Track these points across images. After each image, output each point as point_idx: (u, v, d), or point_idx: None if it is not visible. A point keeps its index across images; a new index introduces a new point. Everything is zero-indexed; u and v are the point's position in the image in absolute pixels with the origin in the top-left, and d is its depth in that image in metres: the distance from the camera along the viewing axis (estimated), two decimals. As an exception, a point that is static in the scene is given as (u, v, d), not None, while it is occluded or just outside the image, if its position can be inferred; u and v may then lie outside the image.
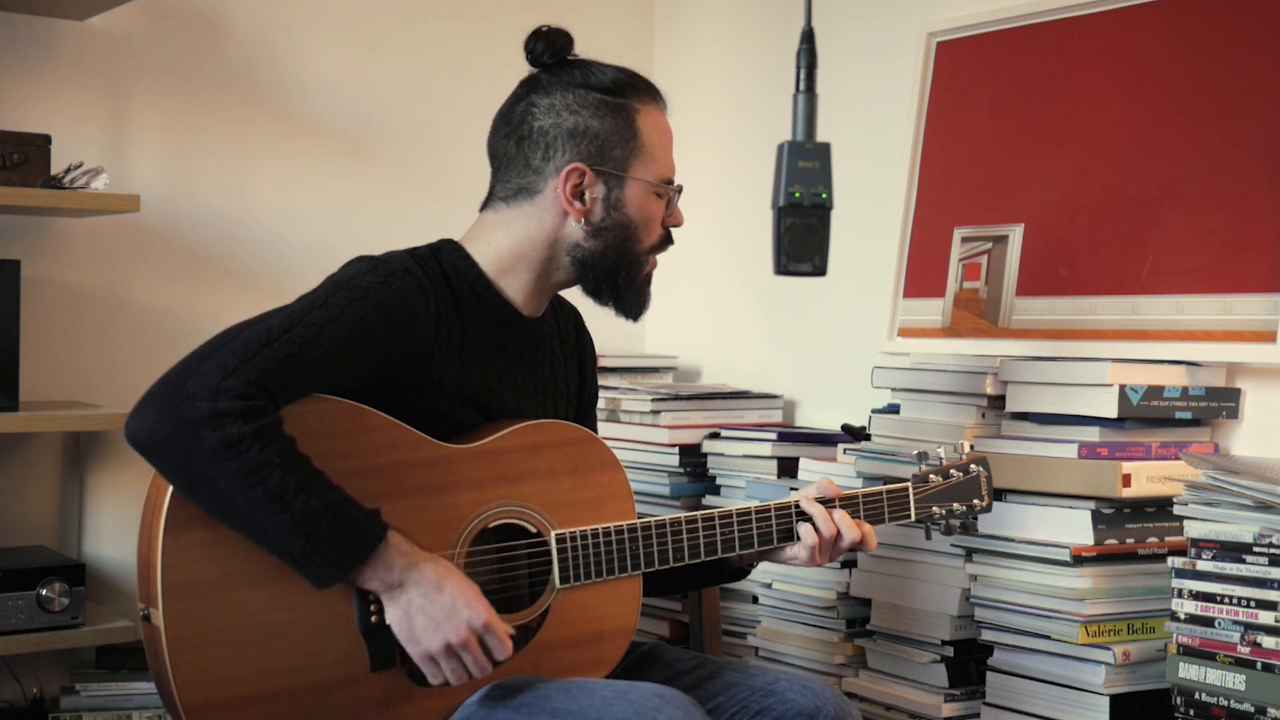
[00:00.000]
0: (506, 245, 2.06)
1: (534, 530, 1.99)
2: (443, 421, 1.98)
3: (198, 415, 1.77)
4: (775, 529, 2.09)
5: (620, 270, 2.07)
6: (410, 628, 1.87)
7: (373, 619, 1.89)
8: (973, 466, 2.23)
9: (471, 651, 1.87)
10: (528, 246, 2.06)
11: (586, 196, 2.03)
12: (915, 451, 2.24)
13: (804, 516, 2.11)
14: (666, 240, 2.12)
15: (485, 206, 2.11)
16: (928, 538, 2.25)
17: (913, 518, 2.17)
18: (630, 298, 2.10)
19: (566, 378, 2.20)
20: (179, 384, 1.79)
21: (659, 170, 2.07)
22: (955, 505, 2.21)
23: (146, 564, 1.86)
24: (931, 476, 2.20)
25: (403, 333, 1.94)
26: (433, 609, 1.86)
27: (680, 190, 2.11)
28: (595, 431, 2.29)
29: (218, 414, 1.77)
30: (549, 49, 2.09)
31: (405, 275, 1.97)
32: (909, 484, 2.19)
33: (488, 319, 2.05)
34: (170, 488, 1.82)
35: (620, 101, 2.05)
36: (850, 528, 2.11)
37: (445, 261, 2.04)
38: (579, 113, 2.03)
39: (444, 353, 1.99)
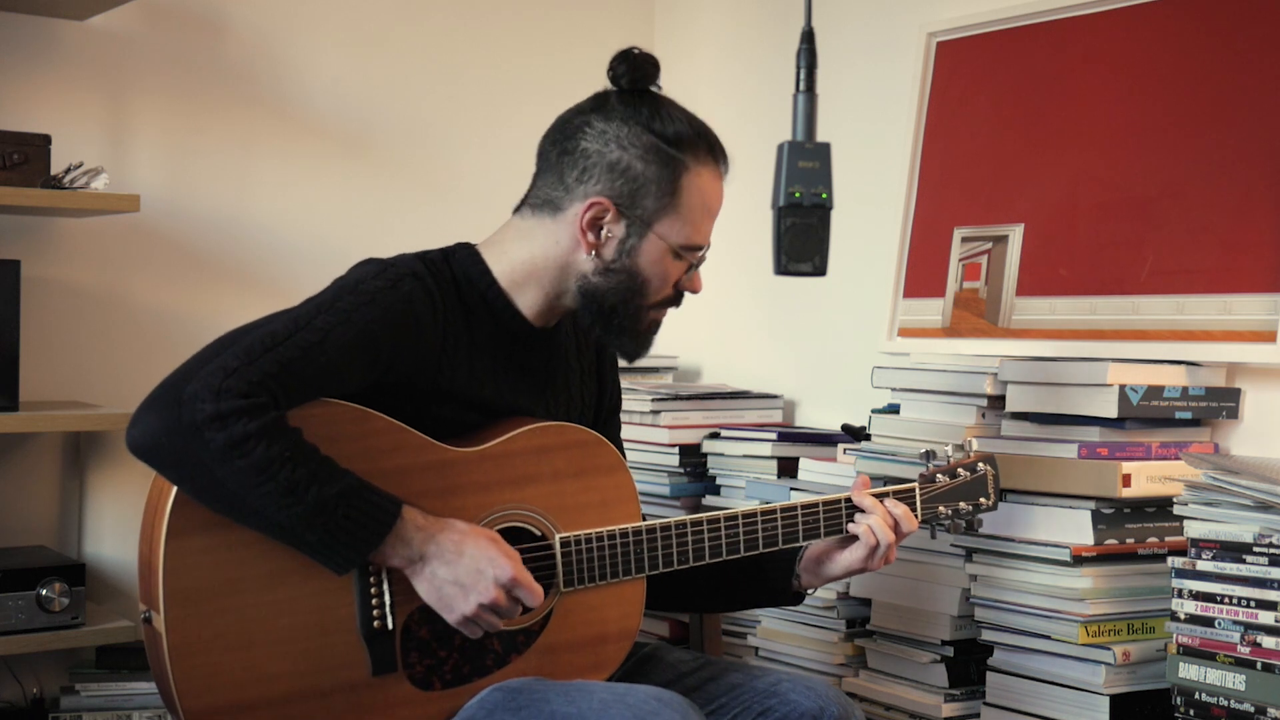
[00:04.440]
0: (521, 259, 2.03)
1: (538, 534, 1.99)
2: (451, 428, 1.98)
3: (201, 418, 1.76)
4: (781, 531, 2.08)
5: (617, 315, 2.03)
6: (440, 598, 1.87)
7: (375, 623, 1.89)
8: (980, 465, 2.21)
9: (503, 606, 1.88)
10: (541, 263, 2.03)
11: (603, 233, 1.99)
12: (922, 450, 2.22)
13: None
14: (674, 301, 2.08)
15: (517, 210, 2.08)
16: (933, 537, 2.25)
17: (919, 518, 2.16)
18: (623, 342, 2.06)
19: (583, 388, 2.19)
20: (179, 388, 1.78)
21: (688, 235, 2.01)
22: (962, 505, 2.20)
23: (149, 567, 1.85)
24: (939, 476, 2.18)
25: (409, 339, 1.93)
26: (458, 575, 1.86)
27: (704, 258, 2.05)
28: (619, 436, 2.28)
29: (221, 415, 1.76)
30: (630, 74, 2.01)
31: (413, 280, 1.95)
32: (916, 485, 2.18)
33: (496, 328, 2.04)
34: (173, 492, 1.82)
35: (673, 154, 1.98)
36: (906, 516, 2.10)
37: (457, 267, 2.03)
38: (628, 149, 1.97)
39: (452, 360, 1.98)
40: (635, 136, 1.98)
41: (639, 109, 1.99)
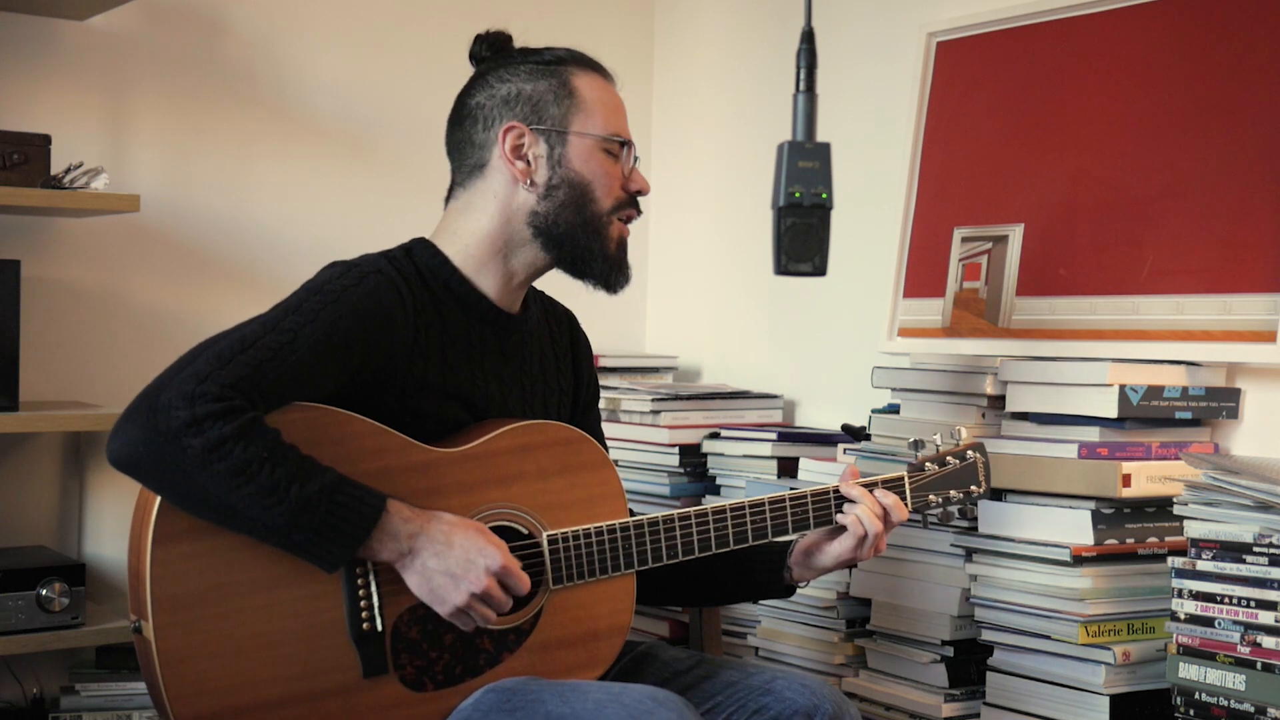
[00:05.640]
0: (470, 230, 2.06)
1: (526, 532, 1.99)
2: (429, 421, 1.98)
3: (177, 424, 1.76)
4: (770, 524, 2.08)
5: (580, 233, 2.05)
6: (431, 590, 1.87)
7: (364, 625, 1.89)
8: (969, 453, 2.22)
9: (495, 595, 1.88)
10: (489, 225, 2.05)
11: (530, 156, 2.03)
12: (910, 439, 2.23)
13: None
14: (630, 204, 2.09)
15: (448, 198, 2.12)
16: (924, 526, 2.24)
17: (909, 508, 2.16)
18: (600, 265, 2.07)
19: (559, 377, 2.20)
20: (154, 398, 1.79)
21: (604, 126, 2.06)
22: (952, 493, 2.19)
23: (136, 576, 1.86)
24: (928, 465, 2.19)
25: (379, 334, 1.94)
26: (448, 566, 1.86)
27: (632, 150, 2.08)
28: (599, 429, 2.29)
29: (196, 420, 1.76)
30: (488, 43, 2.12)
31: (379, 277, 1.97)
32: (905, 474, 2.18)
33: (466, 315, 2.05)
34: (157, 500, 1.82)
35: (554, 66, 2.06)
36: (896, 505, 2.11)
37: (419, 259, 2.05)
38: (510, 80, 2.06)
39: (425, 352, 1.99)
40: (512, 70, 2.07)
41: (509, 55, 2.10)
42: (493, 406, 2.05)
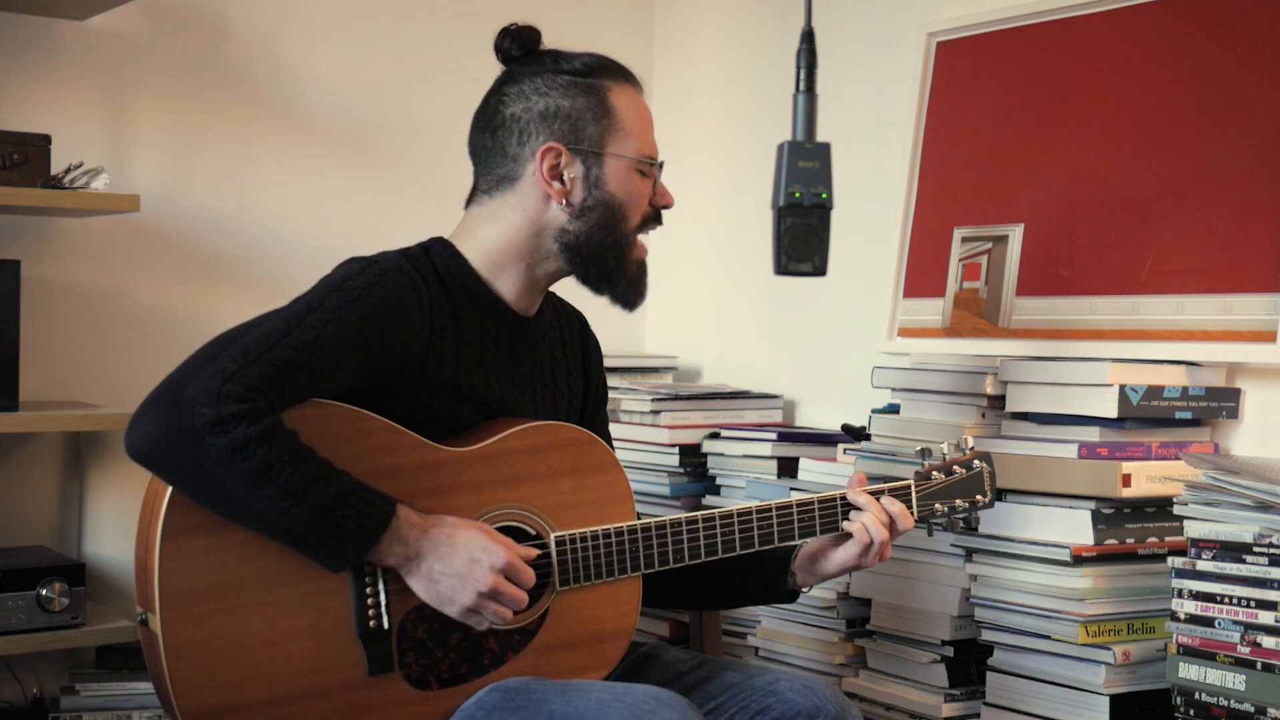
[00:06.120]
0: (494, 238, 2.06)
1: (534, 533, 1.99)
2: (441, 421, 1.98)
3: (200, 422, 1.76)
4: (777, 530, 2.08)
5: (608, 252, 2.05)
6: (438, 592, 1.88)
7: (370, 623, 1.89)
8: (976, 462, 2.21)
9: (503, 591, 1.88)
10: (514, 236, 2.05)
11: (565, 177, 2.02)
12: (918, 448, 2.23)
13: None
14: (655, 219, 2.10)
15: (470, 202, 2.11)
16: (929, 534, 2.25)
17: (915, 516, 2.16)
18: (623, 285, 2.08)
19: (569, 378, 2.20)
20: (177, 392, 1.78)
21: (639, 147, 2.05)
22: (958, 502, 2.19)
23: (145, 569, 1.86)
24: (934, 473, 2.19)
25: (398, 332, 1.94)
26: (453, 566, 1.87)
27: (662, 167, 2.09)
28: (607, 431, 2.29)
29: (221, 419, 1.76)
30: (516, 43, 2.09)
31: (398, 274, 1.97)
32: (911, 482, 2.18)
33: (481, 317, 2.05)
34: (168, 494, 1.82)
35: (590, 81, 2.04)
36: (902, 514, 2.10)
37: (437, 259, 2.04)
38: (548, 94, 2.03)
39: (439, 351, 1.99)
40: (549, 81, 2.04)
41: (540, 61, 2.06)
42: (505, 408, 2.05)
